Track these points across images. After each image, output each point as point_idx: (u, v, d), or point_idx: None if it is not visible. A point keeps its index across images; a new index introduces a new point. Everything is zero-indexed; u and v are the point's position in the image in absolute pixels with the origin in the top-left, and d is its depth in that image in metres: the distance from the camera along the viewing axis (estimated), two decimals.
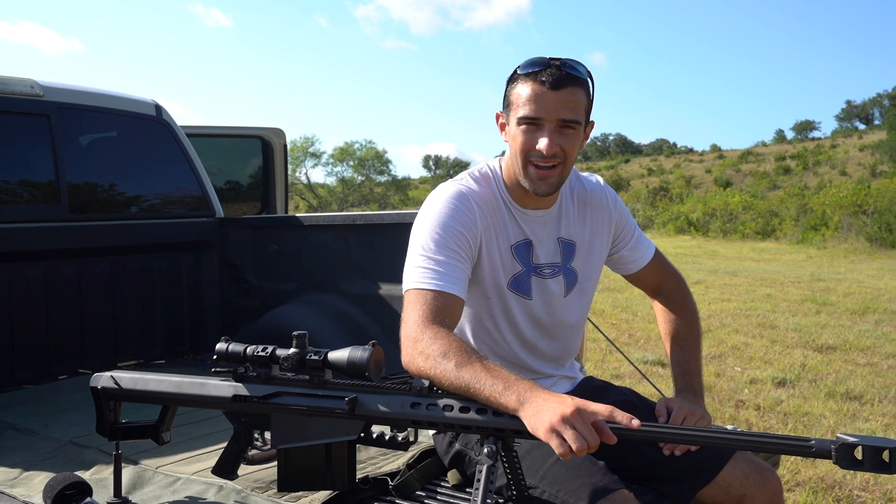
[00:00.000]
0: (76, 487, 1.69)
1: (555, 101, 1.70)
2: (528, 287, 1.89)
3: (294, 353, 1.57)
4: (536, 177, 1.75)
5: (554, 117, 1.70)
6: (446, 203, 1.78)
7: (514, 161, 1.79)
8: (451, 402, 1.45)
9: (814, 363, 6.35)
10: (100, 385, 1.81)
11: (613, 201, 2.03)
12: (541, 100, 1.70)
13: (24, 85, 3.24)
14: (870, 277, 13.18)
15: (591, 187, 2.01)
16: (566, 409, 1.32)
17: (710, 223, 29.48)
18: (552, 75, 1.69)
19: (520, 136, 1.74)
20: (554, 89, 1.69)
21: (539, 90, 1.70)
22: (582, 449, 1.29)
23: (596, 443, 1.31)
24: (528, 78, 1.72)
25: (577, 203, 1.97)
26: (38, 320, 3.25)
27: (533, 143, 1.72)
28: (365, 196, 55.36)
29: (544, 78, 1.69)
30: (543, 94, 1.70)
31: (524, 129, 1.73)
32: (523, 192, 1.84)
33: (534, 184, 1.76)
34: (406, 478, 1.84)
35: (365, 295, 3.32)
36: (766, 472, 1.80)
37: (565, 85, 1.70)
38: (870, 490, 3.61)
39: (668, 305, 2.11)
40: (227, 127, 4.97)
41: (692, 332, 2.06)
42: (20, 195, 3.34)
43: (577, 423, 1.31)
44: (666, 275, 2.14)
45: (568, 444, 1.30)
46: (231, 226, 3.89)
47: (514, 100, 1.75)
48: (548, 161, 1.73)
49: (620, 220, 2.03)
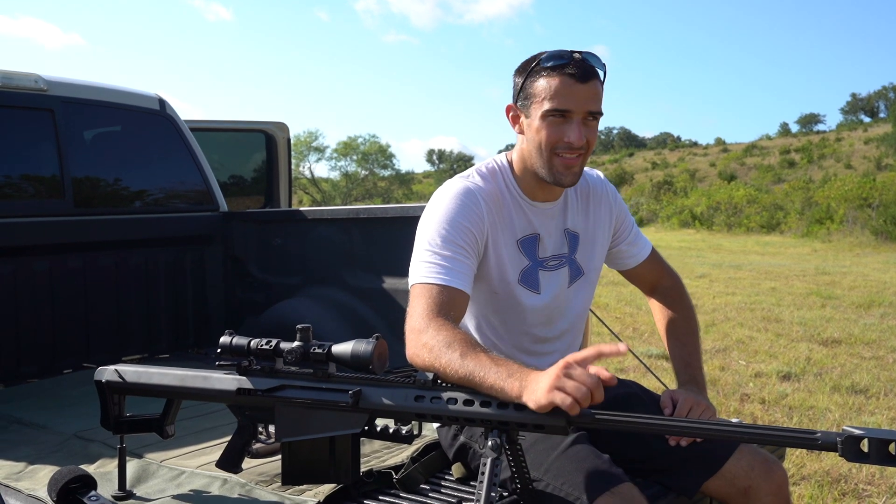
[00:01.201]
0: (81, 481, 1.69)
1: (584, 94, 1.72)
2: (535, 281, 1.90)
3: (298, 347, 1.57)
4: (563, 167, 1.77)
5: (583, 109, 1.73)
6: (453, 199, 1.79)
7: (535, 153, 1.80)
8: (455, 395, 1.44)
9: (819, 357, 6.34)
10: (104, 379, 1.81)
11: (613, 196, 2.07)
12: (570, 92, 1.72)
13: (29, 79, 3.24)
14: (875, 271, 13.14)
15: (593, 181, 2.04)
16: (558, 368, 1.34)
17: (714, 217, 29.43)
18: (579, 68, 1.72)
19: (546, 129, 1.75)
20: (582, 82, 1.72)
21: (568, 83, 1.72)
22: (585, 396, 1.31)
23: (595, 384, 1.32)
24: (554, 71, 1.73)
25: (580, 196, 2.00)
26: (43, 315, 3.25)
27: (561, 135, 1.74)
28: (369, 190, 55.35)
29: (572, 71, 1.72)
30: (573, 87, 1.72)
31: (552, 121, 1.74)
32: (535, 184, 1.86)
33: (560, 175, 1.78)
34: (410, 471, 1.84)
35: (369, 289, 3.32)
36: (772, 464, 1.80)
37: (591, 77, 1.73)
38: (875, 483, 3.60)
39: (665, 302, 2.13)
40: (230, 121, 4.97)
41: (690, 327, 2.08)
42: (25, 190, 3.34)
43: (572, 373, 1.33)
44: (663, 272, 2.17)
45: (571, 396, 1.31)
46: (235, 220, 3.89)
47: (538, 92, 1.75)
48: (574, 152, 1.75)
49: (620, 214, 2.07)
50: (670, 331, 2.09)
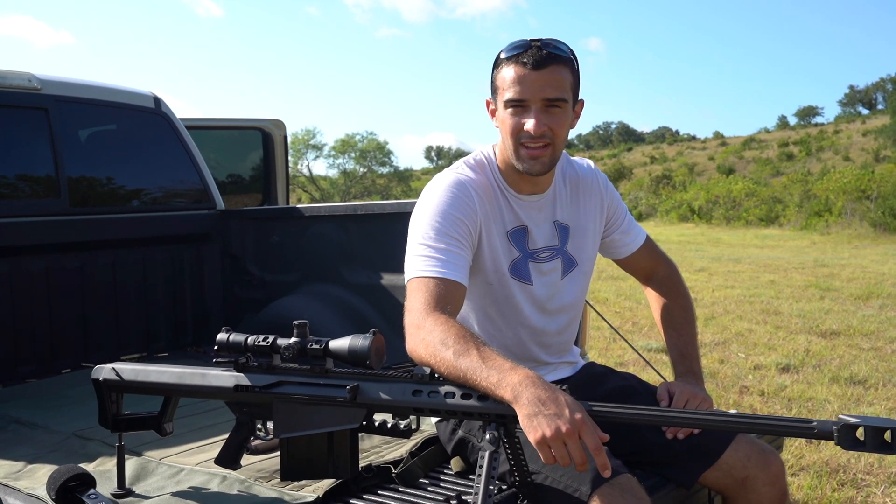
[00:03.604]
0: (79, 479, 1.68)
1: (538, 82, 1.71)
2: (527, 272, 1.89)
3: (295, 343, 1.57)
4: (528, 157, 1.76)
5: (538, 97, 1.72)
6: (444, 192, 1.79)
7: (505, 144, 1.81)
8: (453, 390, 1.44)
9: (818, 348, 6.34)
10: (101, 377, 1.81)
11: (604, 184, 2.05)
12: (524, 81, 1.71)
13: (22, 78, 3.23)
14: (873, 262, 13.15)
15: (583, 171, 2.02)
16: (563, 427, 1.31)
17: (713, 210, 29.43)
18: (533, 56, 1.70)
19: (508, 119, 1.75)
20: (536, 69, 1.70)
21: (522, 72, 1.71)
22: (567, 465, 1.33)
23: (584, 461, 1.32)
24: (511, 61, 1.73)
25: (570, 187, 1.98)
26: (41, 314, 3.25)
27: (521, 124, 1.74)
28: (367, 188, 55.33)
29: (525, 59, 1.71)
30: (526, 76, 1.71)
31: (511, 111, 1.75)
32: (518, 177, 1.85)
33: (526, 164, 1.77)
34: (409, 465, 1.84)
35: (367, 285, 3.32)
36: (769, 454, 1.80)
37: (547, 64, 1.71)
38: (874, 473, 3.61)
39: (661, 291, 2.13)
40: (226, 119, 4.95)
41: (687, 316, 2.07)
42: (20, 190, 3.33)
43: (570, 445, 1.32)
44: (658, 260, 2.16)
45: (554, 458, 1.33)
46: (232, 218, 3.89)
47: (499, 84, 1.76)
48: (537, 141, 1.74)
49: (612, 202, 2.05)
50: (666, 320, 2.08)
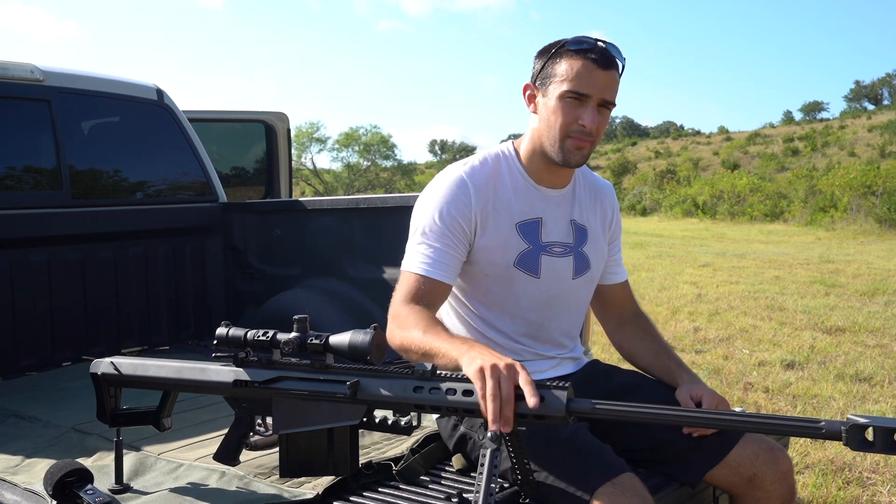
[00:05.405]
0: (77, 474, 1.67)
1: (602, 80, 1.75)
2: (536, 265, 1.87)
3: (295, 338, 1.56)
4: (573, 147, 1.79)
5: (600, 95, 1.76)
6: (443, 189, 1.83)
7: (548, 132, 1.81)
8: (455, 386, 1.43)
9: (823, 345, 6.31)
10: (100, 371, 1.79)
11: (616, 204, 2.10)
12: (590, 77, 1.74)
13: (24, 70, 3.21)
14: (879, 259, 13.10)
15: (602, 183, 2.07)
16: (499, 363, 1.38)
17: (717, 206, 29.34)
18: (602, 55, 1.75)
19: (562, 110, 1.77)
20: (603, 68, 1.75)
21: (590, 67, 1.74)
22: (494, 398, 1.34)
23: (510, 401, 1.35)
24: (578, 55, 1.75)
25: (589, 192, 2.01)
26: (42, 307, 3.24)
27: (576, 117, 1.76)
28: (371, 181, 55.35)
29: (595, 56, 1.74)
30: (593, 72, 1.74)
31: (568, 102, 1.76)
32: (543, 166, 1.87)
33: (570, 154, 1.80)
34: (410, 462, 1.83)
35: (369, 279, 3.31)
36: (777, 452, 1.78)
37: (612, 66, 1.77)
38: (880, 472, 3.59)
39: (639, 322, 2.10)
40: (229, 111, 4.94)
41: (664, 344, 2.05)
42: (22, 181, 3.32)
43: (502, 379, 1.35)
44: (633, 299, 2.16)
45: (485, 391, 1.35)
46: (235, 211, 3.87)
47: (558, 73, 1.77)
48: (585, 137, 1.77)
49: (617, 226, 2.10)
50: (650, 352, 2.02)
